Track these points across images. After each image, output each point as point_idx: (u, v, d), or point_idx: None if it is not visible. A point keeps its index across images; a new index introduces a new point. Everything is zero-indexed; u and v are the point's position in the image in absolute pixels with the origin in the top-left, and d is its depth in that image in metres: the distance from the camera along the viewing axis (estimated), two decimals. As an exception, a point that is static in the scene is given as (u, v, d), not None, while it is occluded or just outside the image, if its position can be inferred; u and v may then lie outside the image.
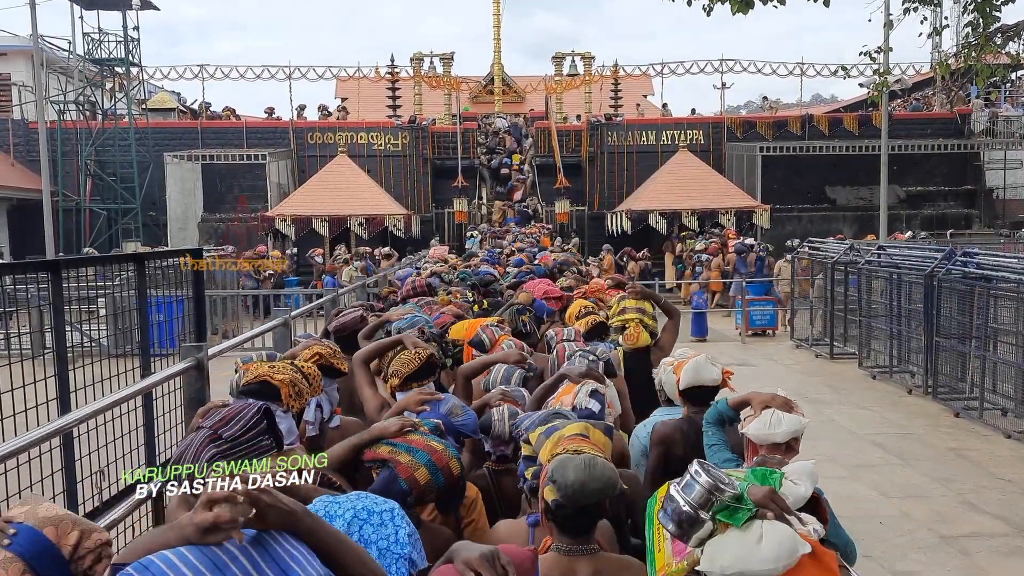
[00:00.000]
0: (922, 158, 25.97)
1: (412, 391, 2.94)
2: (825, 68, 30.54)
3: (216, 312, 14.58)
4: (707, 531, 1.55)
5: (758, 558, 1.49)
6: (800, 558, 1.50)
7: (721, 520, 1.54)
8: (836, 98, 47.03)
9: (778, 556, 1.49)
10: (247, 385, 2.57)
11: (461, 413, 2.70)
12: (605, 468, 2.08)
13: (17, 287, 5.56)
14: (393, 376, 3.17)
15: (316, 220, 22.40)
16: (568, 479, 2.04)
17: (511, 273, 8.03)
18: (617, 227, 23.56)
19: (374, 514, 1.73)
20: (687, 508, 1.55)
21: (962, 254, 10.35)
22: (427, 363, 3.18)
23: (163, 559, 1.27)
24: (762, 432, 2.53)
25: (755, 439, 2.55)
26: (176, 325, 5.68)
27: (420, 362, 3.15)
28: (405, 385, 3.12)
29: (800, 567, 1.50)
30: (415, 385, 3.10)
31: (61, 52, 27.32)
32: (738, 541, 1.52)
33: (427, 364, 3.18)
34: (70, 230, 24.73)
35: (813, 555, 1.52)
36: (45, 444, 3.12)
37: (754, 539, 1.51)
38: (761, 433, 2.53)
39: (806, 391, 10.92)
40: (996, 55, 11.62)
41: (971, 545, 5.90)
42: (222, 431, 1.89)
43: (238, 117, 29.31)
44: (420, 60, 29.34)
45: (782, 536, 1.51)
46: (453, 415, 2.66)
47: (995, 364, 9.37)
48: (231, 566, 1.29)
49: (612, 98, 28.20)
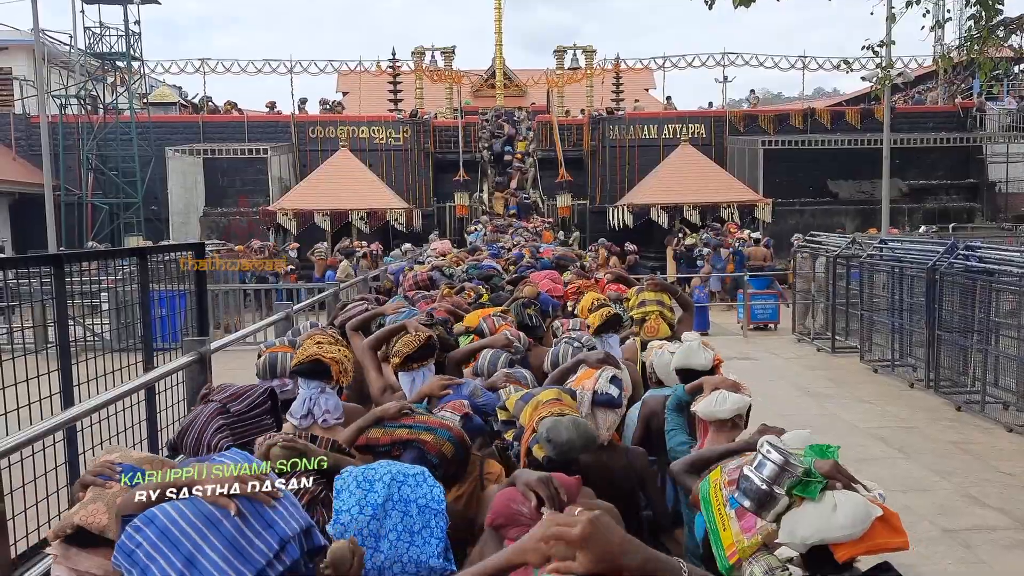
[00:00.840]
0: (924, 152, 25.92)
1: (434, 377, 3.13)
2: (827, 62, 30.54)
3: (218, 306, 14.59)
4: (784, 506, 1.69)
5: (837, 525, 1.63)
6: (872, 521, 1.66)
7: (796, 494, 1.68)
8: (838, 92, 46.97)
9: (854, 522, 1.64)
10: (299, 364, 2.83)
11: (481, 394, 2.93)
12: (588, 426, 2.43)
13: (20, 281, 5.57)
14: (394, 356, 3.38)
15: (318, 214, 22.39)
16: (562, 438, 2.32)
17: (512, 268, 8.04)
18: (619, 221, 23.55)
19: (409, 476, 1.88)
20: (763, 486, 1.70)
21: (964, 248, 10.34)
22: (426, 344, 3.39)
23: (164, 512, 1.48)
24: (708, 409, 2.71)
25: (703, 416, 2.74)
26: (178, 319, 5.70)
27: (419, 343, 3.36)
28: (405, 364, 3.33)
29: (873, 529, 1.66)
30: (415, 365, 3.32)
31: (62, 46, 27.29)
32: (815, 512, 1.66)
33: (426, 345, 3.39)
34: (72, 225, 24.74)
35: (882, 517, 1.68)
36: (49, 438, 3.13)
37: (829, 508, 1.65)
38: (707, 411, 2.71)
39: (808, 385, 10.93)
40: (999, 48, 11.58)
41: (973, 538, 5.91)
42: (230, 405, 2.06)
43: (240, 111, 29.29)
44: (421, 54, 29.31)
45: (855, 503, 1.66)
46: (475, 396, 2.89)
47: (997, 358, 9.36)
48: (224, 521, 1.48)
49: (614, 92, 28.15)
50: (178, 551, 1.45)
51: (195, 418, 2.12)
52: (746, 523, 1.80)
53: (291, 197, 23.48)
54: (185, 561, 1.45)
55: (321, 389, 2.89)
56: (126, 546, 1.48)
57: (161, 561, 1.45)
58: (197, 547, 1.46)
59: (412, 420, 2.40)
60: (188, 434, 2.29)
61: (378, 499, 1.80)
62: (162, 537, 1.46)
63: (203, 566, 1.45)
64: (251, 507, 1.52)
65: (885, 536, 1.68)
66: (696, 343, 3.44)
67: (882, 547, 1.68)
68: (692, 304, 5.07)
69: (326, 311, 8.11)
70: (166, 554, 1.45)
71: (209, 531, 1.48)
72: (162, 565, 1.44)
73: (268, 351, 3.43)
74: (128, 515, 1.52)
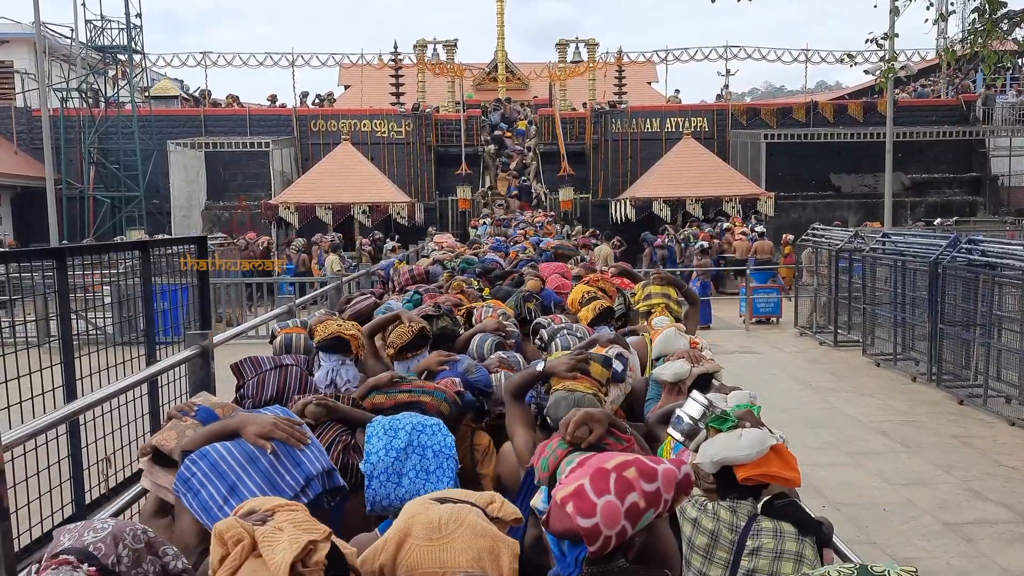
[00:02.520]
0: (927, 145, 25.86)
1: (432, 353, 3.27)
2: (830, 55, 30.42)
3: (220, 300, 14.60)
4: (703, 437, 2.12)
5: (737, 447, 2.02)
6: (767, 451, 2.02)
7: (712, 427, 2.11)
8: (841, 85, 46.83)
9: (751, 445, 2.02)
10: (323, 341, 3.16)
11: (475, 370, 3.09)
12: (591, 404, 2.48)
13: (23, 275, 5.57)
14: (389, 346, 3.49)
15: (320, 208, 22.38)
16: (559, 414, 2.42)
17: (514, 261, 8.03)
18: (621, 215, 23.53)
19: (427, 426, 2.23)
20: (690, 422, 2.16)
21: (967, 241, 10.32)
22: (419, 335, 3.48)
23: (214, 450, 1.89)
24: (657, 373, 3.15)
25: (656, 378, 3.19)
26: (180, 313, 5.70)
27: (413, 334, 3.46)
28: (400, 354, 3.44)
29: (768, 457, 2.01)
30: (409, 354, 3.43)
31: (64, 39, 27.25)
32: (724, 439, 2.06)
33: (419, 336, 3.48)
34: (74, 218, 24.75)
35: (776, 449, 2.04)
36: (52, 431, 3.13)
37: (735, 437, 2.06)
38: (656, 373, 3.16)
39: (810, 379, 10.92)
40: (1002, 41, 11.54)
41: (974, 532, 5.91)
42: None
43: (241, 104, 29.26)
44: (423, 47, 29.22)
45: (755, 434, 2.05)
46: (469, 372, 3.05)
47: (999, 351, 9.35)
48: (261, 459, 1.88)
49: (616, 85, 28.08)
50: (224, 481, 1.84)
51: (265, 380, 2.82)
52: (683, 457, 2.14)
53: (293, 191, 23.46)
54: (229, 489, 1.82)
55: (342, 362, 3.26)
56: (183, 475, 1.86)
57: (210, 488, 1.83)
58: (239, 478, 1.84)
59: (410, 385, 2.65)
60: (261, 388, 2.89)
61: (401, 444, 2.15)
62: (212, 469, 1.85)
63: (243, 494, 1.80)
64: (284, 449, 1.91)
65: (778, 466, 2.01)
66: (672, 331, 3.66)
67: (775, 475, 2.00)
68: (698, 299, 5.07)
69: (328, 304, 8.10)
70: (214, 482, 1.83)
71: (249, 466, 1.87)
72: (210, 491, 1.83)
73: (283, 332, 3.73)
74: (189, 450, 1.91)
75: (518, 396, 2.71)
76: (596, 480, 1.63)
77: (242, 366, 2.92)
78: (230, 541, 1.42)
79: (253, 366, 2.93)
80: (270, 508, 1.51)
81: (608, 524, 1.58)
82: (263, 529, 1.42)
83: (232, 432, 1.95)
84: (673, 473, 1.71)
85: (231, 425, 1.98)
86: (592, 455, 1.80)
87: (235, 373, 2.93)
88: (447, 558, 1.48)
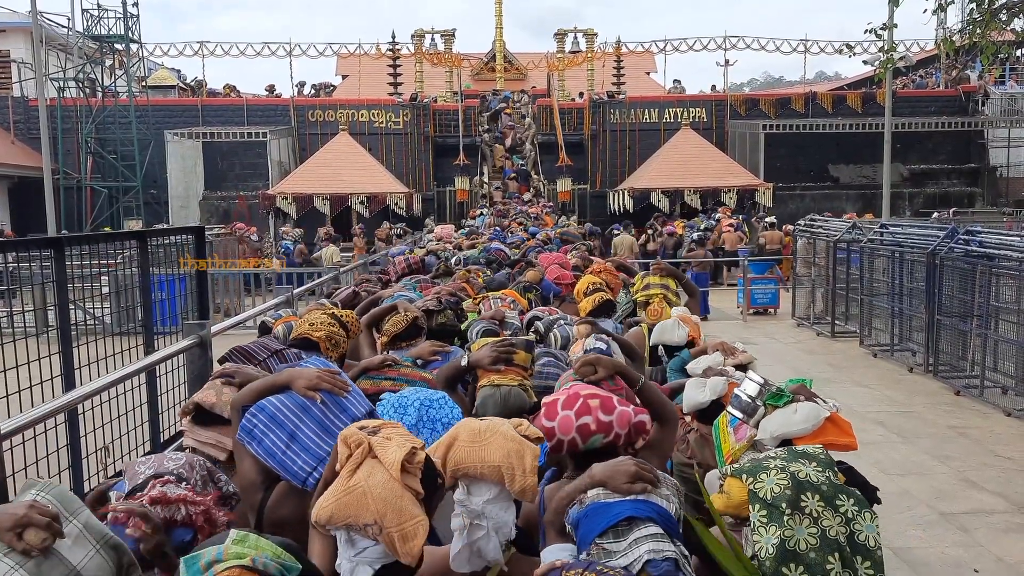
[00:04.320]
0: (926, 136, 25.84)
1: (425, 343, 3.35)
2: (829, 45, 30.34)
3: (217, 290, 14.59)
4: (761, 414, 2.29)
5: (794, 421, 2.20)
6: (823, 422, 2.20)
7: (770, 404, 2.28)
8: (840, 76, 46.77)
9: (807, 419, 2.19)
10: (294, 339, 3.24)
11: None
12: (517, 397, 2.67)
13: (21, 265, 5.57)
14: (383, 335, 3.53)
15: (317, 198, 22.35)
16: (488, 413, 2.55)
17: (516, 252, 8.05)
18: (619, 206, 23.50)
19: (435, 400, 2.37)
20: (748, 400, 2.33)
21: (964, 232, 10.31)
22: (412, 325, 3.51)
23: (270, 402, 2.16)
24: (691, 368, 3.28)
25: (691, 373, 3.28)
26: (178, 303, 5.70)
27: (406, 323, 3.50)
28: (393, 343, 3.48)
29: (824, 427, 2.19)
30: (403, 344, 3.47)
31: (60, 29, 27.12)
32: (781, 414, 2.23)
33: (413, 326, 3.51)
34: (71, 208, 24.69)
35: (832, 420, 2.21)
36: (51, 421, 3.14)
37: (791, 411, 2.23)
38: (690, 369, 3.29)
39: (807, 369, 10.94)
40: (1001, 32, 11.51)
41: (970, 522, 5.94)
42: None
43: (239, 94, 29.16)
44: (421, 37, 29.17)
45: (810, 408, 2.22)
46: None
47: (996, 342, 9.37)
48: (312, 408, 2.15)
49: (615, 75, 28.00)
50: (283, 429, 2.10)
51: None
52: (739, 435, 2.39)
53: (290, 181, 23.43)
54: (289, 436, 2.10)
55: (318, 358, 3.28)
56: (246, 426, 2.13)
57: (272, 436, 2.10)
58: (296, 426, 2.11)
59: (396, 372, 2.73)
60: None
61: (411, 421, 2.27)
62: (272, 419, 2.12)
63: (301, 439, 2.09)
64: (330, 397, 2.18)
65: (834, 434, 2.19)
66: (671, 321, 3.79)
67: (832, 442, 2.14)
68: (697, 290, 5.07)
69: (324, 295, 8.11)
70: (276, 431, 2.10)
71: (304, 415, 2.13)
72: (272, 439, 2.10)
73: (283, 320, 3.85)
74: (245, 405, 2.19)
75: (450, 387, 2.86)
76: (568, 400, 2.15)
77: (232, 357, 2.94)
78: (352, 444, 1.72)
79: (244, 356, 2.95)
80: (376, 425, 1.80)
81: (562, 431, 2.11)
82: (375, 438, 1.73)
83: (282, 386, 2.21)
84: (628, 415, 2.15)
85: (281, 380, 2.23)
86: (581, 384, 2.29)
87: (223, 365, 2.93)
88: (485, 456, 1.82)
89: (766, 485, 1.81)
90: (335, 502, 1.67)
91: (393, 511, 1.65)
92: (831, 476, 1.83)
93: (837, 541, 1.73)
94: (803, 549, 1.73)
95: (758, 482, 1.83)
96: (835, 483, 1.82)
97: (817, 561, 1.71)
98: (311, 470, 2.05)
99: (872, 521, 1.78)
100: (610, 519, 1.73)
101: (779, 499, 1.78)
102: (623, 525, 1.72)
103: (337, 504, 1.67)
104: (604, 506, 1.79)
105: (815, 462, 1.88)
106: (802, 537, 1.74)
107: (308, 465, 2.06)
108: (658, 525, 1.73)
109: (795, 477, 1.81)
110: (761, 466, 1.86)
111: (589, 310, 4.31)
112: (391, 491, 1.67)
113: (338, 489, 1.69)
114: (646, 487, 1.78)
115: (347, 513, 1.66)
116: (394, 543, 1.65)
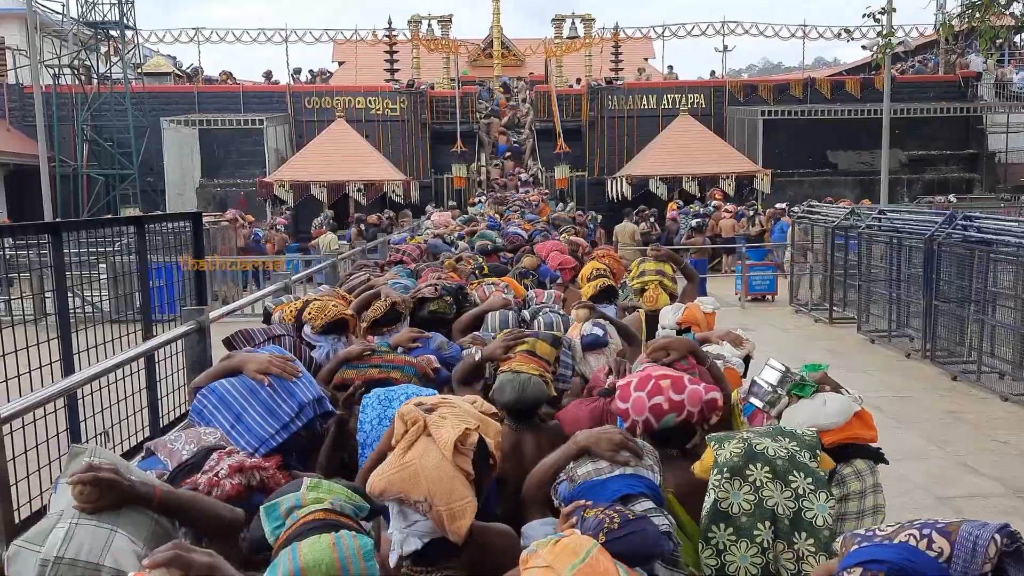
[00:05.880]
0: (924, 122, 25.75)
1: (405, 329, 3.38)
2: (828, 30, 30.22)
3: (215, 277, 14.57)
4: (784, 404, 2.22)
5: (826, 414, 2.13)
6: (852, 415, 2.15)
7: (794, 394, 2.21)
8: (839, 61, 46.64)
9: (839, 412, 2.13)
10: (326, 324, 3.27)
11: (447, 348, 3.20)
12: (536, 386, 2.62)
13: (19, 251, 5.55)
14: (363, 320, 3.57)
15: (314, 186, 22.30)
16: (505, 398, 2.59)
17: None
18: (617, 192, 23.46)
19: (423, 394, 2.33)
20: (770, 388, 2.24)
21: (963, 218, 10.31)
22: (391, 311, 3.56)
23: (221, 385, 2.28)
24: None
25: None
26: (176, 290, 5.69)
27: (385, 309, 3.54)
28: (373, 328, 3.53)
29: (851, 423, 2.14)
30: (383, 329, 3.52)
31: (55, 15, 26.94)
32: (809, 406, 2.16)
33: (391, 312, 3.56)
34: (68, 196, 24.58)
35: (859, 414, 2.17)
36: (50, 406, 3.14)
37: (820, 403, 2.16)
38: None
39: (805, 355, 10.95)
40: (1000, 16, 11.48)
41: (967, 506, 5.97)
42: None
43: (235, 81, 29.01)
44: (418, 23, 28.98)
45: (841, 400, 2.17)
46: (442, 350, 3.15)
47: (993, 328, 9.39)
48: (260, 391, 2.25)
49: (613, 61, 27.89)
50: (231, 410, 2.21)
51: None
52: (754, 423, 2.30)
53: (288, 168, 23.35)
54: (236, 416, 2.20)
55: (337, 339, 3.34)
56: (196, 406, 2.26)
57: (219, 416, 2.20)
58: (243, 408, 2.21)
59: (381, 360, 2.76)
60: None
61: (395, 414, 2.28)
62: (221, 400, 2.23)
63: (246, 421, 2.20)
64: (280, 382, 2.27)
65: (859, 427, 2.16)
66: (668, 308, 3.81)
67: (858, 437, 2.15)
68: (696, 275, 5.01)
69: (324, 281, 8.12)
70: (223, 412, 2.21)
71: (251, 397, 2.23)
72: (220, 419, 2.20)
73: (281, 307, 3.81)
74: (200, 386, 2.31)
75: (465, 382, 2.91)
76: (641, 381, 2.23)
77: (235, 340, 2.97)
78: (408, 421, 1.79)
79: (245, 339, 2.97)
80: (434, 403, 1.86)
81: (636, 412, 2.19)
82: (431, 416, 1.78)
83: (235, 369, 2.32)
84: (699, 393, 2.21)
85: (233, 363, 2.35)
86: (653, 365, 2.36)
87: (228, 347, 2.94)
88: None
89: (724, 452, 1.90)
90: (389, 476, 1.73)
91: (443, 491, 1.70)
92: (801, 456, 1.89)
93: (774, 511, 1.83)
94: (735, 512, 1.84)
95: (720, 450, 1.92)
96: (798, 461, 1.88)
97: (747, 525, 1.82)
98: (253, 451, 2.12)
99: (826, 502, 1.85)
100: (607, 497, 1.77)
101: (726, 464, 1.88)
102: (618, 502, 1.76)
103: (391, 479, 1.73)
104: (599, 483, 1.83)
105: (794, 441, 1.94)
106: (737, 501, 1.84)
107: (251, 446, 2.14)
108: (651, 499, 1.78)
109: (751, 448, 1.89)
110: (730, 436, 1.96)
111: (591, 295, 4.31)
112: (443, 471, 1.71)
113: (393, 464, 1.76)
114: (630, 459, 1.87)
115: (399, 488, 1.72)
116: (443, 521, 1.70)
